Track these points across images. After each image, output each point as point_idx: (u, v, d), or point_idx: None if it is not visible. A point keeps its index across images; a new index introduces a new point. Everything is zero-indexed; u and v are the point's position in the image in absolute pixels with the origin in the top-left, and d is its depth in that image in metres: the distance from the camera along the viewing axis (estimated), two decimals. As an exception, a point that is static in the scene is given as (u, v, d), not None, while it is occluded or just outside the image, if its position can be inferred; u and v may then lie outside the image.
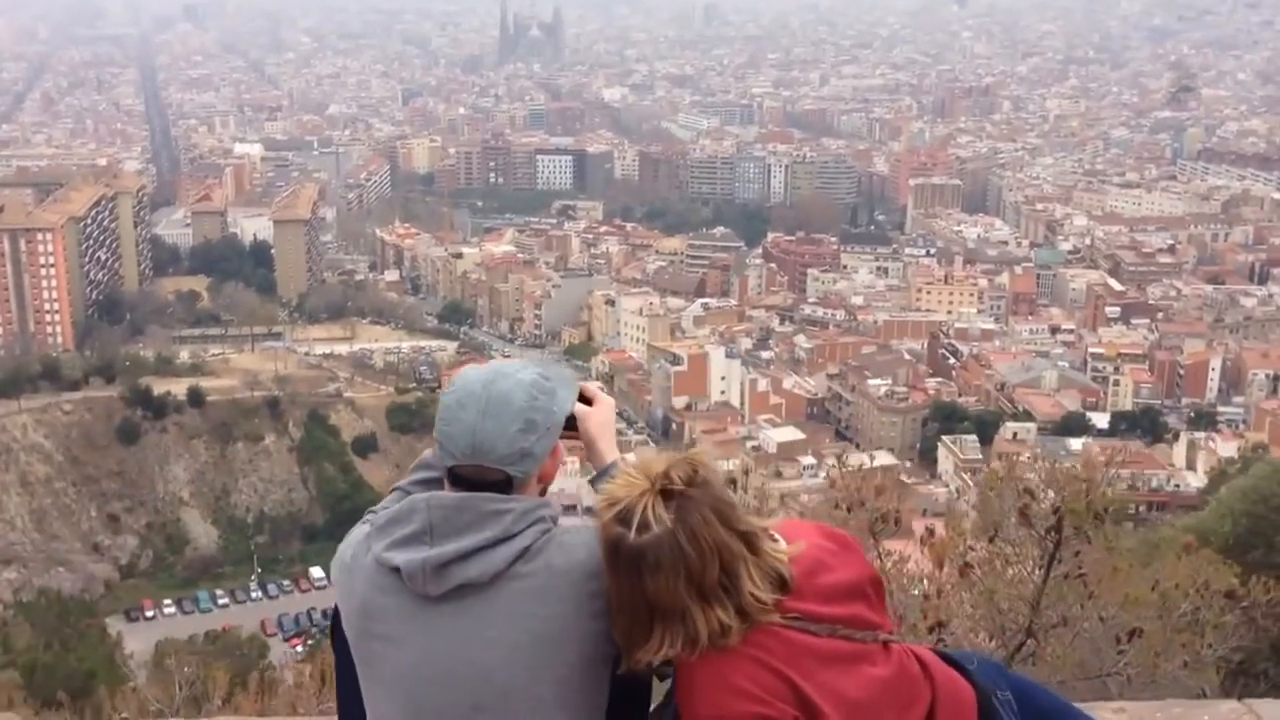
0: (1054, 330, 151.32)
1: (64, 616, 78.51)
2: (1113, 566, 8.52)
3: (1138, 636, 8.08)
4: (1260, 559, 12.88)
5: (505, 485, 3.35)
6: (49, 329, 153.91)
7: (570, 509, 3.61)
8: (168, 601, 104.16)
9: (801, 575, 3.14)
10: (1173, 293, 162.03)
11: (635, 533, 3.02)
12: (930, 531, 9.23)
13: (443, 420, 3.39)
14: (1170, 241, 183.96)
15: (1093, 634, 8.38)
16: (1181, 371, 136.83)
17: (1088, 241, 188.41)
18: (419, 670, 3.27)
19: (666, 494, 3.04)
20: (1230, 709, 6.15)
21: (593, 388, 3.75)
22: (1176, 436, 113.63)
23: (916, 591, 8.79)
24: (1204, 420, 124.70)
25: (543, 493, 3.48)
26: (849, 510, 9.02)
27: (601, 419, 3.75)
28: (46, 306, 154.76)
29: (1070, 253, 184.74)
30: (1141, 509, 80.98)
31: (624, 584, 3.07)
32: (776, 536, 3.18)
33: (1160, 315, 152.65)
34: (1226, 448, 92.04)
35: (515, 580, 3.24)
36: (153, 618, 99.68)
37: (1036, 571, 8.55)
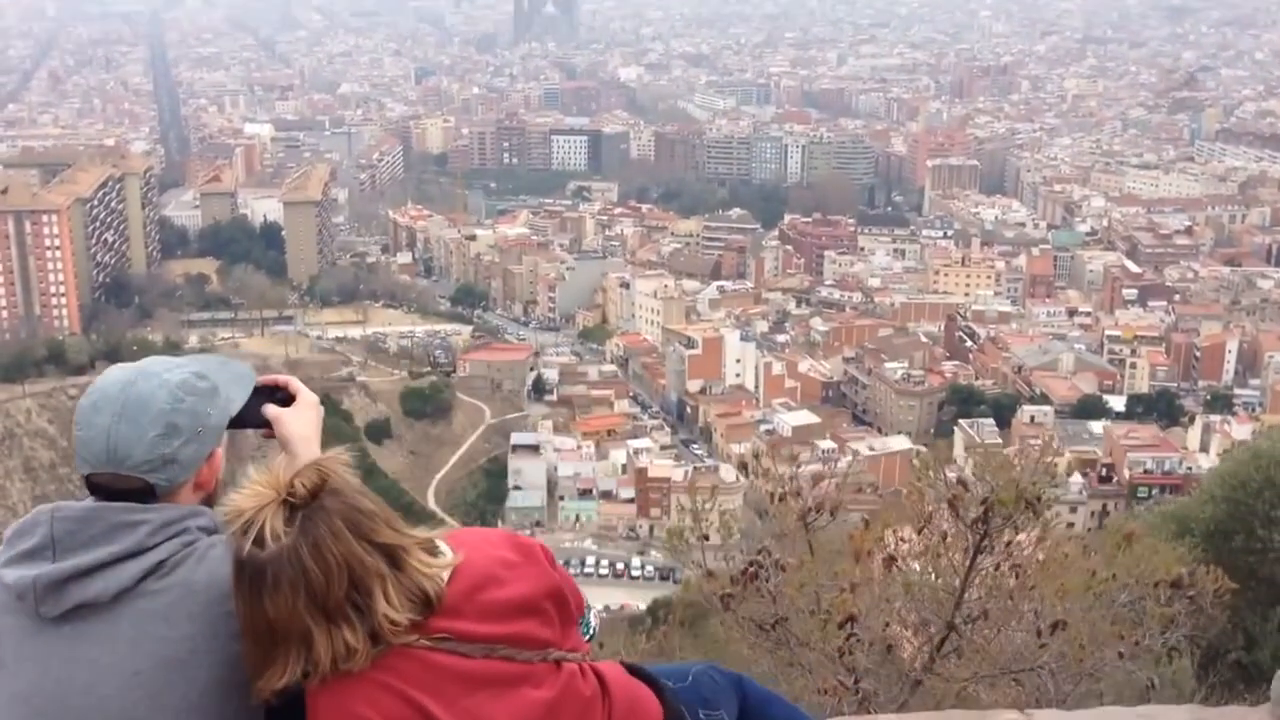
0: (1071, 312, 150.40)
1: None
2: (1039, 558, 8.32)
3: (1061, 629, 7.78)
4: (1241, 545, 13.06)
5: (147, 494, 3.03)
6: (55, 312, 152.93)
7: (586, 493, 3.35)
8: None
9: (462, 591, 2.89)
10: (1190, 275, 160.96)
11: (255, 547, 2.77)
12: (866, 523, 9.01)
13: (77, 425, 3.08)
14: (1187, 223, 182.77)
15: (1021, 627, 8.17)
16: (1198, 354, 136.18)
17: (1105, 223, 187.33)
18: (29, 700, 2.91)
19: (293, 505, 2.81)
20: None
21: (297, 384, 3.51)
22: (1192, 419, 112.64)
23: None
24: (1220, 403, 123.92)
25: (205, 502, 3.14)
26: (781, 500, 8.73)
27: (301, 420, 3.50)
28: (52, 289, 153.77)
29: (1088, 234, 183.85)
30: (1155, 492, 79.92)
31: (246, 603, 2.82)
32: (443, 549, 2.93)
33: (1177, 297, 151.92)
34: (1242, 430, 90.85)
35: (143, 599, 2.90)
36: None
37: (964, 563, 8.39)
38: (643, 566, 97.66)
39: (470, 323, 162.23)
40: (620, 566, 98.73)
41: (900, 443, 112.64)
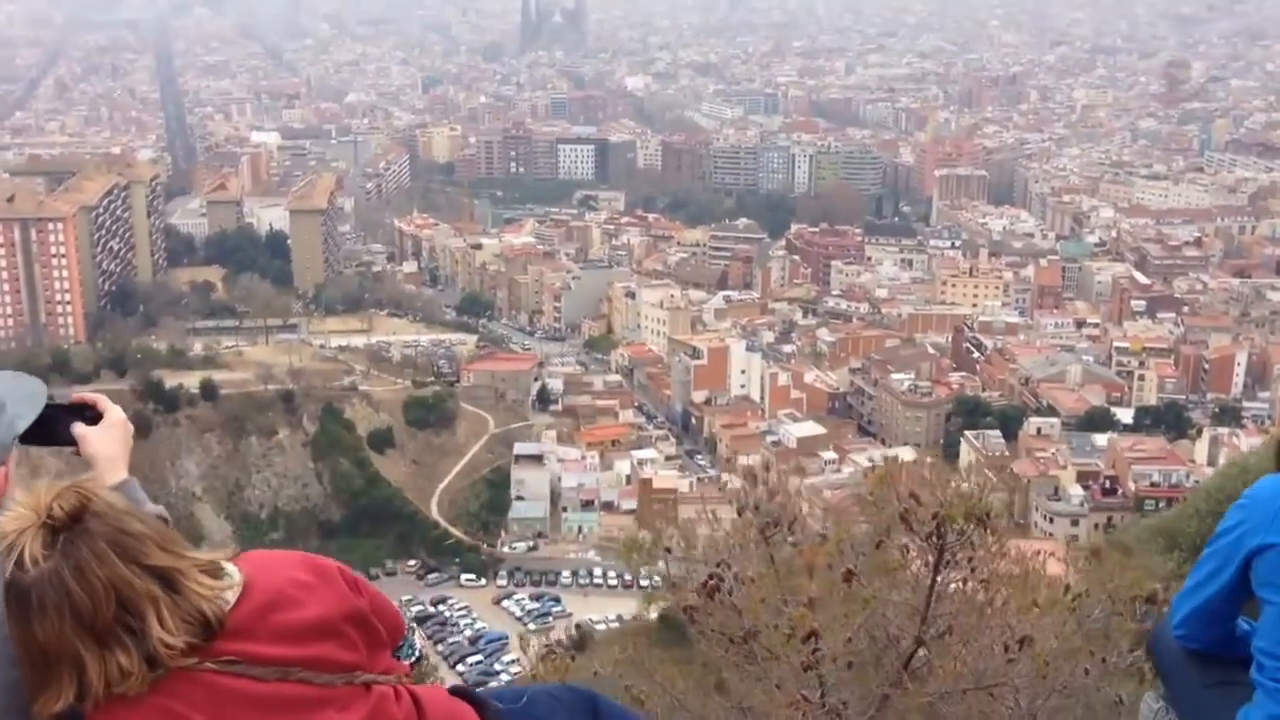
0: (1079, 324, 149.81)
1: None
2: (997, 572, 8.41)
3: (1028, 645, 7.87)
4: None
5: None
6: (60, 320, 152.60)
7: (589, 504, 3.44)
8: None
9: (253, 613, 2.84)
10: (1199, 286, 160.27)
11: (18, 570, 2.72)
12: (824, 536, 9.16)
13: None
14: (1197, 234, 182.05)
15: (989, 643, 8.20)
16: (1207, 366, 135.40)
17: (1114, 234, 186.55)
18: None
19: (56, 528, 2.74)
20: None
21: (106, 403, 3.48)
22: (1200, 432, 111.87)
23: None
24: (1228, 416, 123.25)
25: None
26: (739, 513, 8.90)
27: (107, 439, 3.46)
28: (58, 297, 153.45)
29: (1096, 245, 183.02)
30: (1161, 505, 79.17)
31: (15, 626, 2.76)
32: (229, 570, 2.88)
33: (1186, 309, 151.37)
34: (1250, 443, 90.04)
35: None
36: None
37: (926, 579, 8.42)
38: (651, 578, 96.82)
39: (475, 332, 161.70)
40: (628, 578, 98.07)
41: (906, 455, 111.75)
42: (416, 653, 3.48)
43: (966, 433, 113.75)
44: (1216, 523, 3.97)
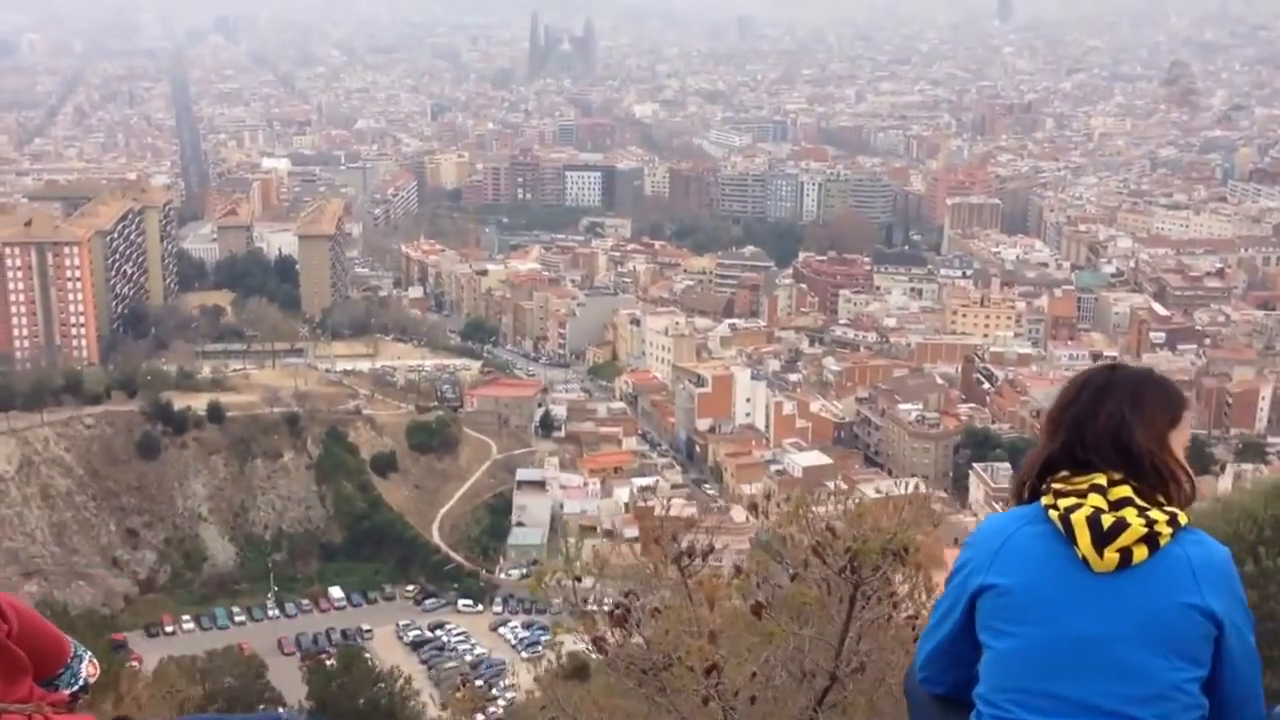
0: (1095, 355, 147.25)
1: (72, 631, 76.89)
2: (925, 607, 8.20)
3: None
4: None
5: None
6: (74, 342, 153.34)
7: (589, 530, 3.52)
8: (186, 618, 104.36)
9: None
10: (1221, 318, 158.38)
11: None
12: (737, 569, 9.08)
13: None
14: (1219, 265, 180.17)
15: (898, 677, 7.69)
16: (1230, 400, 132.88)
17: (1132, 264, 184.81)
18: None
19: None
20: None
21: None
22: (1223, 468, 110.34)
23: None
24: (1253, 451, 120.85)
25: None
26: (656, 542, 8.83)
27: None
28: (72, 320, 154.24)
29: (1113, 275, 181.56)
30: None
31: None
32: None
33: (1208, 341, 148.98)
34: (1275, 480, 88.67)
35: None
36: (172, 633, 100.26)
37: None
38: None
39: (480, 358, 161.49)
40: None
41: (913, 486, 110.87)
42: (80, 681, 3.42)
43: (975, 465, 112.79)
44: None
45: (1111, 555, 3.61)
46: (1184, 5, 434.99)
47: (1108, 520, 3.64)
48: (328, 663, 72.50)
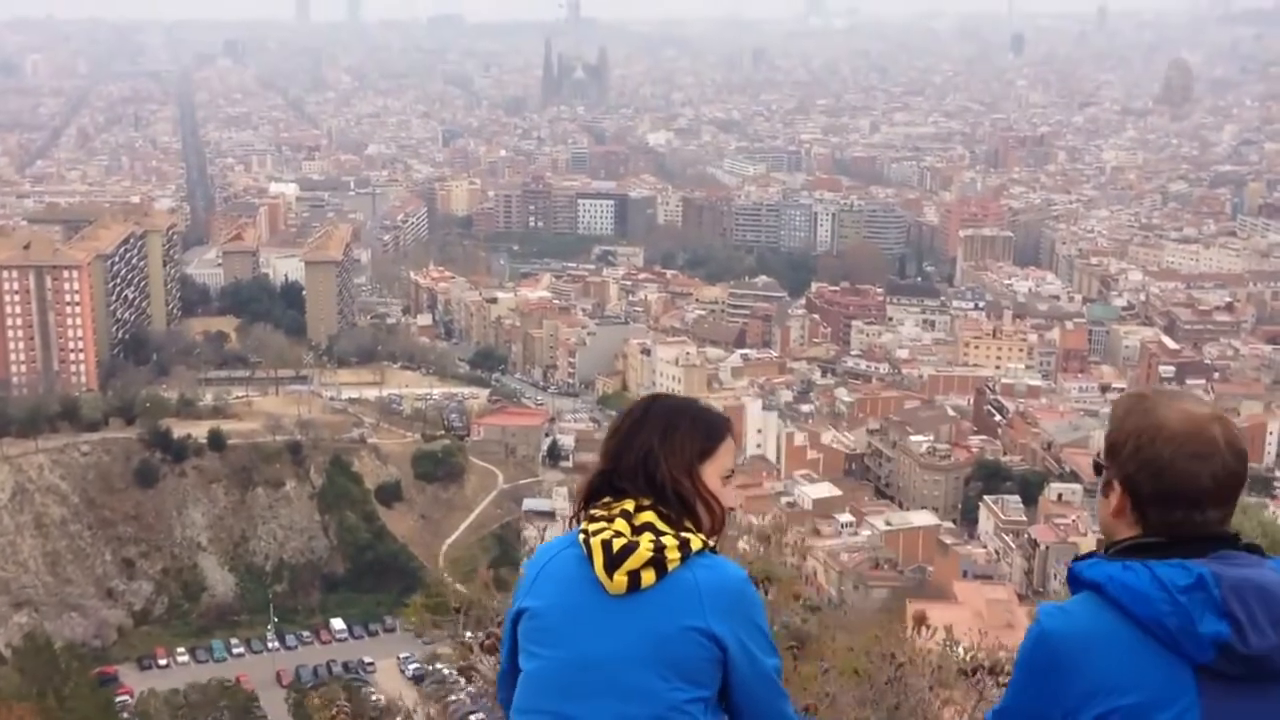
0: (1104, 389, 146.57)
1: (55, 664, 75.65)
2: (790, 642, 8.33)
3: (813, 713, 7.87)
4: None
5: None
6: (73, 368, 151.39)
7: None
8: (181, 650, 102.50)
9: None
10: (1230, 352, 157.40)
11: None
12: None
13: None
14: (1228, 299, 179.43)
15: None
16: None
17: (1142, 298, 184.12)
18: None
19: None
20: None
21: None
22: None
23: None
24: (1260, 486, 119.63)
25: None
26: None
27: None
28: (71, 345, 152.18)
29: (1124, 309, 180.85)
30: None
31: None
32: None
33: (1217, 375, 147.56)
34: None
35: None
36: (166, 666, 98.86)
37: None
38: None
39: (488, 386, 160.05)
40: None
41: (923, 518, 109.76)
42: None
43: (985, 498, 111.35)
44: None
45: (620, 578, 3.72)
46: (1195, 41, 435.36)
47: (618, 544, 3.75)
48: (315, 700, 70.88)
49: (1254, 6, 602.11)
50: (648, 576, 3.71)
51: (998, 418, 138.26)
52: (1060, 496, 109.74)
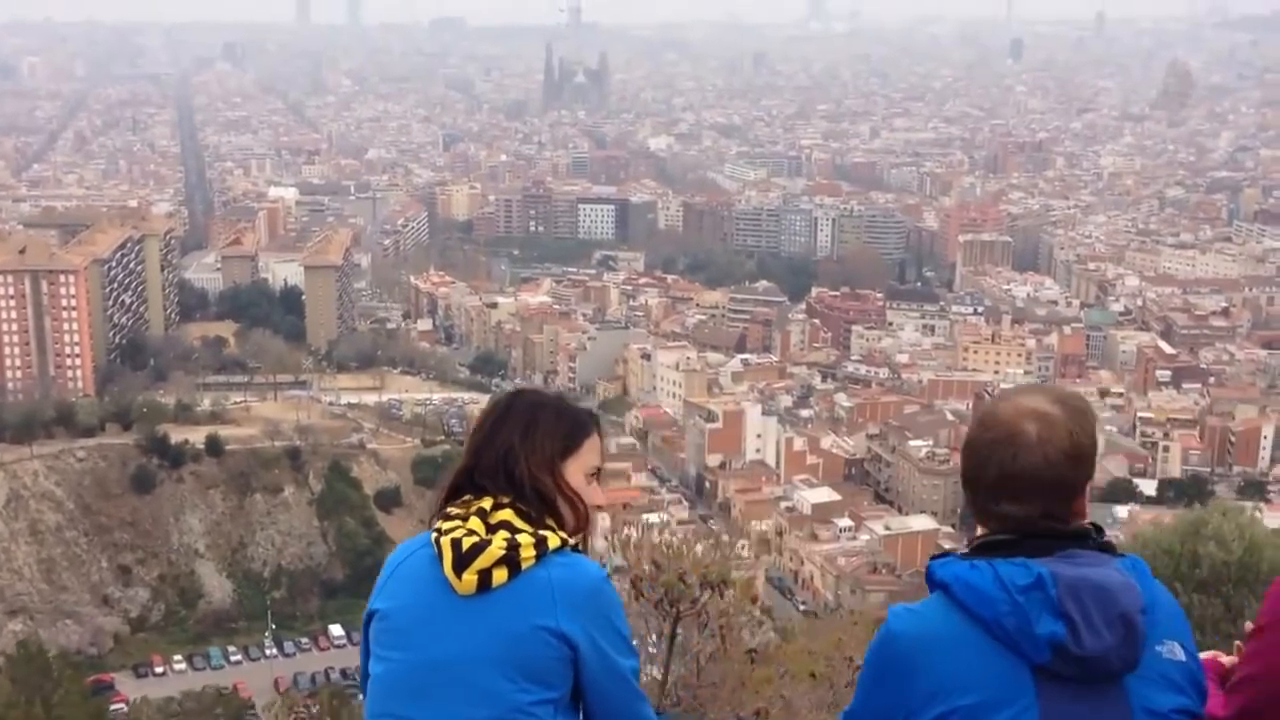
0: (1103, 393, 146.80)
1: (47, 673, 75.41)
2: (729, 644, 8.31)
3: (762, 717, 7.84)
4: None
5: None
6: (69, 373, 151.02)
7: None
8: (178, 657, 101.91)
9: None
10: (1225, 357, 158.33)
11: None
12: None
13: None
14: (1224, 304, 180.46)
15: (723, 715, 8.11)
16: (1233, 438, 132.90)
17: (1139, 303, 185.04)
18: None
19: None
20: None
21: None
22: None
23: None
24: (1254, 489, 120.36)
25: None
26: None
27: None
28: (67, 350, 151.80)
29: (1121, 314, 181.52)
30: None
31: None
32: None
33: (1212, 380, 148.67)
34: (1275, 518, 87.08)
35: None
36: (162, 674, 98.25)
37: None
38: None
39: (488, 391, 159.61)
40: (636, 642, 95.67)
41: (922, 522, 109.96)
42: None
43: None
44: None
45: (470, 577, 3.69)
46: (1192, 47, 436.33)
47: (468, 542, 3.73)
48: (312, 707, 70.41)
49: (1251, 12, 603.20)
50: (499, 575, 3.67)
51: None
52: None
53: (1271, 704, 3.72)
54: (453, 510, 3.84)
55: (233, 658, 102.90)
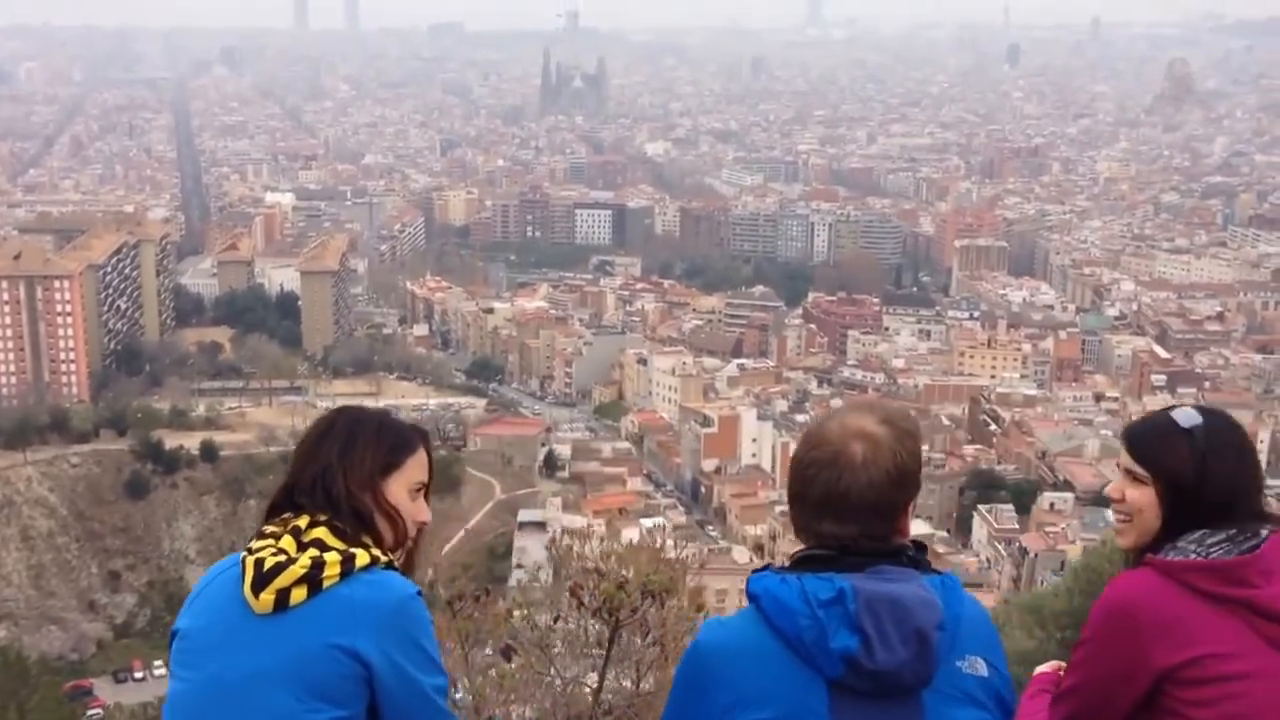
0: (1098, 398, 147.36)
1: (25, 678, 75.42)
2: (669, 654, 8.19)
3: None
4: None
5: None
6: (64, 379, 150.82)
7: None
8: (158, 662, 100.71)
9: None
10: (1220, 361, 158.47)
11: None
12: (509, 611, 9.25)
13: None
14: (1219, 309, 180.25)
15: None
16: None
17: (1135, 307, 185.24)
18: None
19: None
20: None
21: None
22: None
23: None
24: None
25: None
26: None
27: None
28: (62, 356, 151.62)
29: (1117, 318, 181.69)
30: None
31: None
32: None
33: (1207, 384, 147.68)
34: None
35: None
36: (142, 679, 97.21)
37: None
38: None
39: (485, 396, 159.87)
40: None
41: (918, 527, 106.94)
42: None
43: (979, 507, 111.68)
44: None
45: (267, 596, 3.67)
46: (1188, 53, 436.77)
47: (270, 562, 3.70)
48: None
49: (1247, 17, 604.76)
50: (298, 594, 3.64)
51: (992, 427, 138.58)
52: (1053, 505, 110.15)
53: (1093, 711, 3.80)
54: (268, 529, 3.80)
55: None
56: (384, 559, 3.75)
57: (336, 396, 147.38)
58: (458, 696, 8.54)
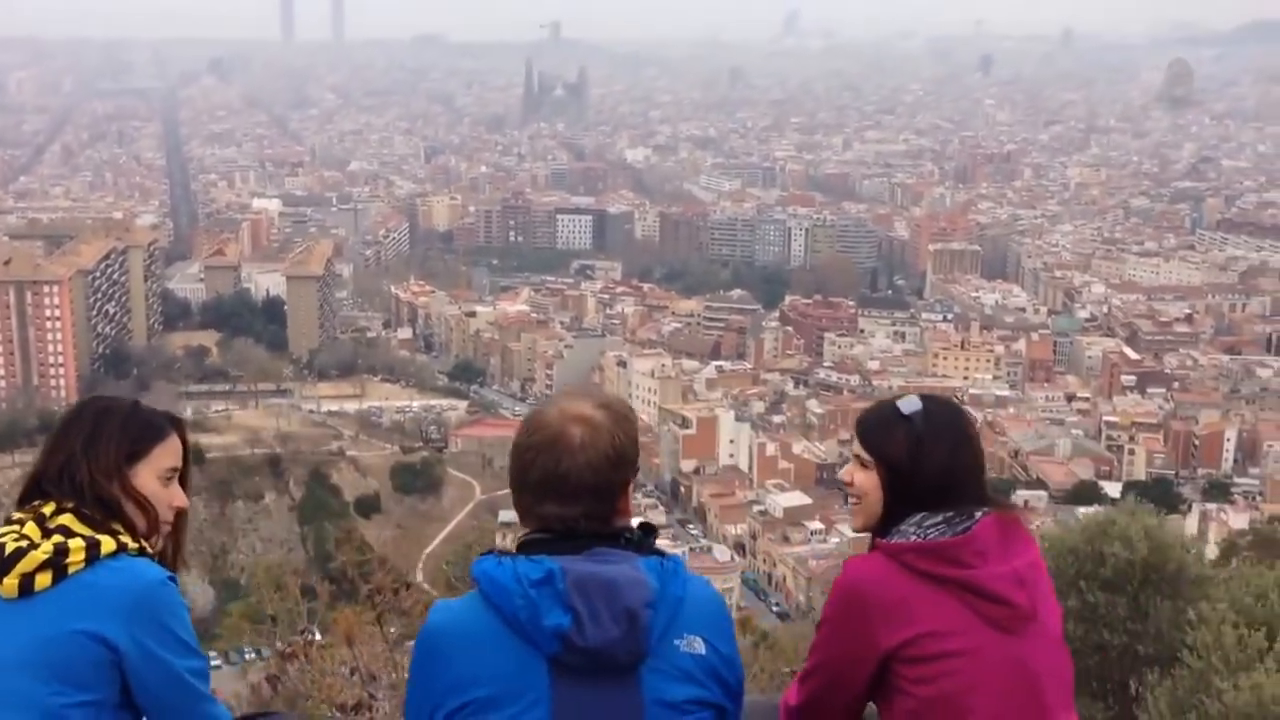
0: (1069, 398, 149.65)
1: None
2: None
3: None
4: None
5: None
6: (53, 383, 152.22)
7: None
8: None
9: None
10: (1189, 362, 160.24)
11: None
12: (406, 611, 9.38)
13: None
14: (1188, 311, 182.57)
15: None
16: (1197, 442, 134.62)
17: (1105, 309, 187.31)
18: None
19: None
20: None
21: None
22: (1190, 507, 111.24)
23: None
24: (1218, 491, 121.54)
25: None
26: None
27: None
28: (51, 360, 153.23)
29: (1087, 320, 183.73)
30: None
31: None
32: None
33: (1176, 385, 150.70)
34: (1239, 519, 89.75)
35: None
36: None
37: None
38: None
39: (467, 398, 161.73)
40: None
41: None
42: None
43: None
44: None
45: (11, 581, 3.65)
46: (1157, 61, 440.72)
47: (12, 547, 3.67)
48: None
49: (1214, 29, 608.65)
50: (42, 580, 3.66)
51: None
52: (1026, 503, 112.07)
53: (832, 690, 4.05)
54: (15, 515, 3.85)
55: (213, 663, 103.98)
56: (134, 546, 3.83)
57: (322, 399, 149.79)
58: (378, 696, 8.64)
